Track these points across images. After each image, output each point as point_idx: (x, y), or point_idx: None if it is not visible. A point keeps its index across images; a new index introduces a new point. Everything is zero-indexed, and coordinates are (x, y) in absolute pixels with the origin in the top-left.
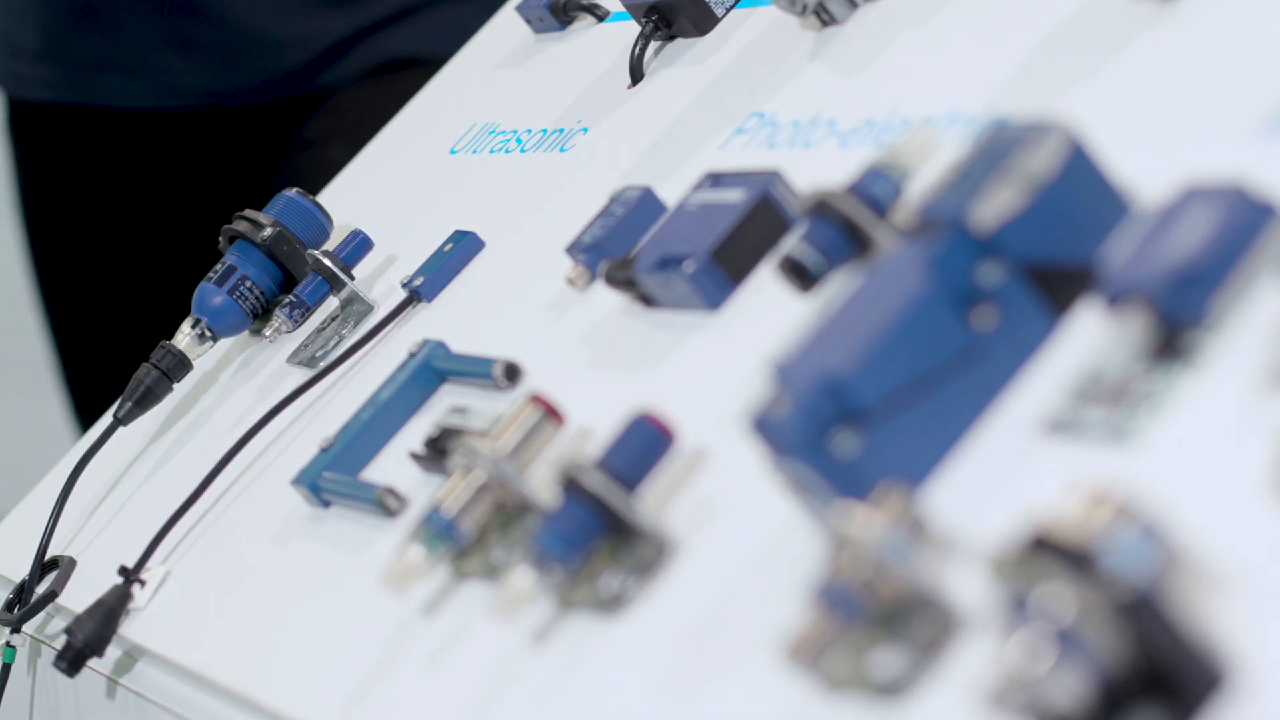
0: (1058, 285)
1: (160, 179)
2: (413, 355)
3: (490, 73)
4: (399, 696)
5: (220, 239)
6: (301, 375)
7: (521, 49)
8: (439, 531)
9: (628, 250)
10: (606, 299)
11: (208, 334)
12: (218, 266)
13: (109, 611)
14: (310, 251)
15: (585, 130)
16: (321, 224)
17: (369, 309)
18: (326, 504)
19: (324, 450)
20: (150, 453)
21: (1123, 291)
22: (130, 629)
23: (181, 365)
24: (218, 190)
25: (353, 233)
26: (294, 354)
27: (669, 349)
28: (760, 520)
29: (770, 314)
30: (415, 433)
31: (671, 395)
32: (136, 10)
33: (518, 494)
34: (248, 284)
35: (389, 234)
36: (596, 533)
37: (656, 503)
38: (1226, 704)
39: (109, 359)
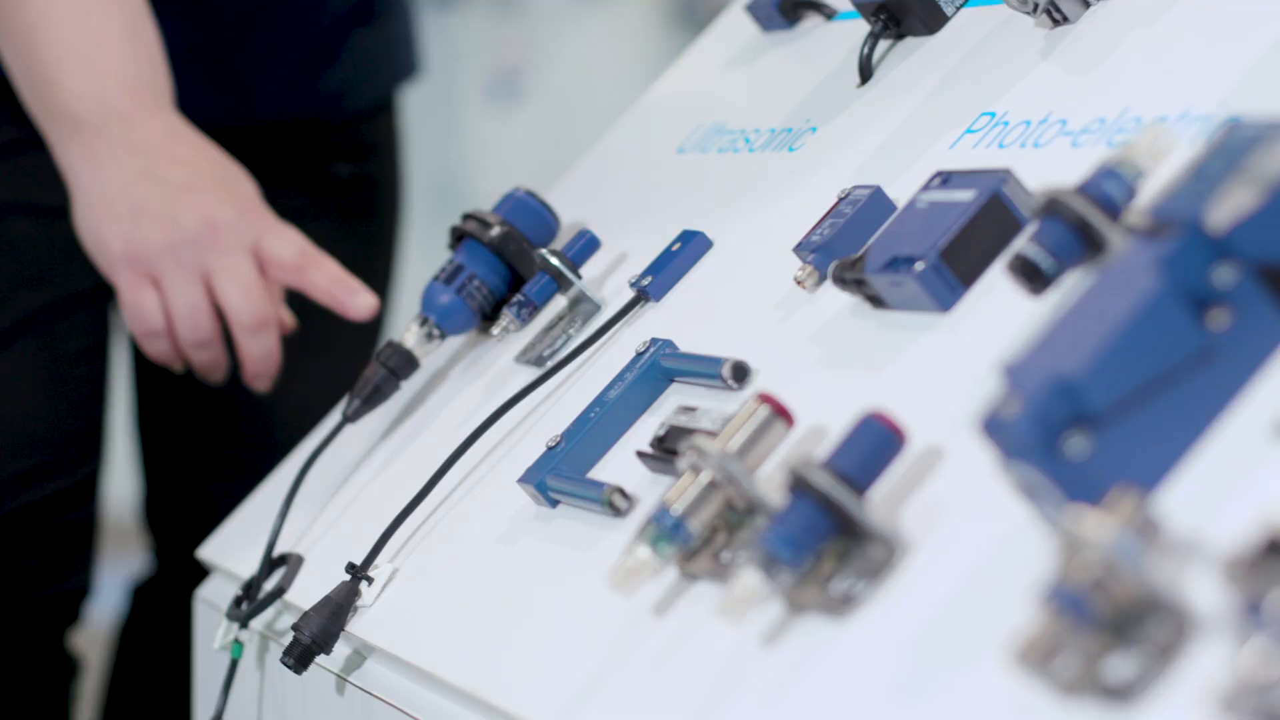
0: None
1: None
2: (640, 355)
3: (718, 72)
4: (625, 696)
5: (449, 238)
6: (529, 374)
7: (750, 48)
8: (667, 531)
9: (857, 250)
10: (835, 299)
11: (435, 332)
12: (446, 265)
13: (336, 608)
14: (538, 250)
15: (814, 129)
16: (549, 223)
17: (596, 308)
18: (554, 503)
19: (551, 449)
20: (378, 451)
21: None
22: (358, 626)
23: (409, 363)
24: None
25: (580, 232)
26: (521, 353)
27: (898, 349)
28: (990, 523)
29: (1001, 315)
30: (643, 432)
31: (901, 396)
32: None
33: (746, 494)
34: (475, 283)
35: (617, 233)
36: (825, 534)
37: (886, 504)
38: None
39: None
